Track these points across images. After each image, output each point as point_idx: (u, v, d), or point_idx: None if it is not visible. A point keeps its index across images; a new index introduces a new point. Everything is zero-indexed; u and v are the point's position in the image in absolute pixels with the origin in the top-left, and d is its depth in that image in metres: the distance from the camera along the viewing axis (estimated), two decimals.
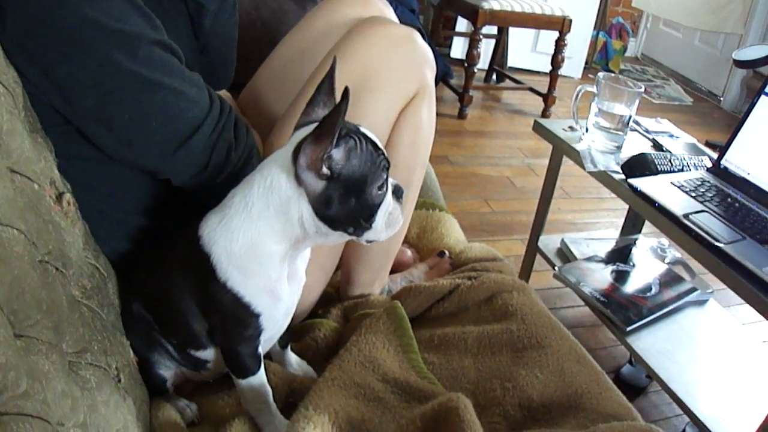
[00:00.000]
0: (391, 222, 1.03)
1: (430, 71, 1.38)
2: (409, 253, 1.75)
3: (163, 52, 1.05)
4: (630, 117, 2.08)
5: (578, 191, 3.57)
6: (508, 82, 5.17)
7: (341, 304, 1.51)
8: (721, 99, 5.80)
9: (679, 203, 1.83)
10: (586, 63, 5.92)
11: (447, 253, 1.70)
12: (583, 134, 2.17)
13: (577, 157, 2.09)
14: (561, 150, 2.22)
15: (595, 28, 5.85)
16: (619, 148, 2.10)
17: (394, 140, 1.36)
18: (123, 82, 1.01)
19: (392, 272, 1.62)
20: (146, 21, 1.04)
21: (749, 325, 2.37)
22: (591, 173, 2.03)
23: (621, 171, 1.99)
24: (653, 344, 2.00)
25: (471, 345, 1.36)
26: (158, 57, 1.04)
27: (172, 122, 1.07)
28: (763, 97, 2.06)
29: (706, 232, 1.70)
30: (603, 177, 2.02)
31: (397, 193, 1.05)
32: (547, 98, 4.70)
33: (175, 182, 1.15)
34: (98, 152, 1.09)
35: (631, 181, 1.92)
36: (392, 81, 1.31)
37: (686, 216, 1.76)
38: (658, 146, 2.24)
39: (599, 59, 6.16)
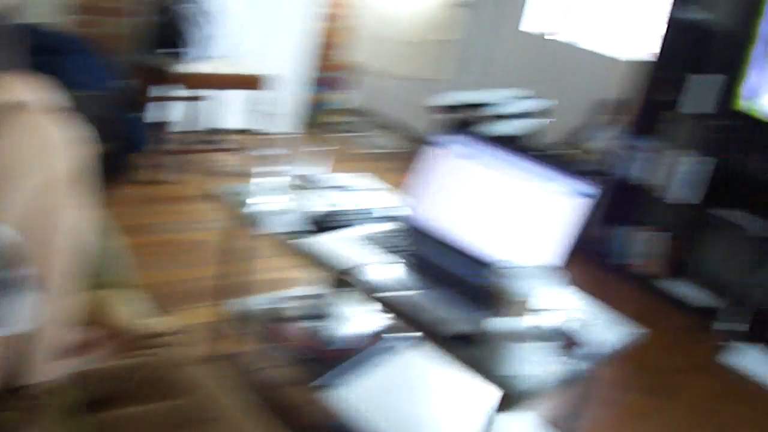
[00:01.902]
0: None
1: (77, 154, 1.34)
2: (87, 334, 1.67)
3: None
4: (315, 175, 2.14)
5: (271, 251, 3.58)
6: (212, 144, 5.13)
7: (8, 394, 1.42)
8: None
9: (362, 256, 1.91)
10: (304, 118, 6.07)
11: (127, 331, 1.65)
12: (262, 197, 2.22)
13: (254, 220, 2.12)
14: (238, 215, 2.25)
15: (310, 82, 6.02)
16: (299, 207, 2.17)
17: (34, 227, 1.31)
18: None
19: (69, 355, 1.54)
20: None
21: (444, 368, 2.50)
22: (271, 235, 2.06)
23: (304, 230, 2.05)
24: (353, 396, 2.05)
25: (149, 424, 1.33)
26: None
27: None
28: (440, 148, 2.19)
29: (385, 283, 1.79)
30: (285, 237, 2.07)
31: (6, 288, 1.00)
32: (247, 158, 4.73)
33: None
34: None
35: (303, 241, 1.97)
36: (35, 167, 1.27)
37: (353, 270, 1.84)
38: (349, 200, 2.34)
39: (314, 114, 6.33)
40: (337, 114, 6.54)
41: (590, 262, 4.54)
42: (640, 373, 3.37)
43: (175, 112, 4.24)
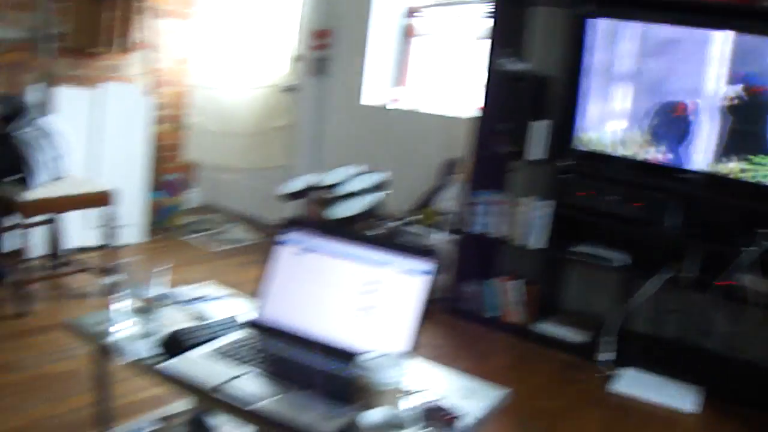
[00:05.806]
0: None
1: None
2: None
3: None
4: (165, 294, 2.10)
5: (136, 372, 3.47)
6: (69, 267, 4.91)
7: None
8: None
9: (216, 373, 1.86)
10: (150, 224, 5.90)
11: None
12: (118, 323, 2.14)
13: (112, 350, 2.05)
14: (98, 345, 2.16)
15: (151, 188, 5.89)
16: (153, 330, 2.11)
17: None
18: None
19: None
20: None
21: None
22: (133, 362, 2.00)
23: (157, 354, 1.99)
24: None
25: None
26: None
27: None
28: (281, 245, 2.20)
29: (250, 395, 1.77)
30: (138, 365, 2.00)
31: None
32: (110, 273, 4.56)
33: None
34: None
35: (162, 365, 1.92)
36: None
37: (217, 387, 1.81)
38: (198, 315, 2.27)
39: (160, 219, 6.15)
40: (183, 215, 6.45)
41: (465, 319, 4.65)
42: (535, 419, 3.42)
43: (29, 238, 4.08)
